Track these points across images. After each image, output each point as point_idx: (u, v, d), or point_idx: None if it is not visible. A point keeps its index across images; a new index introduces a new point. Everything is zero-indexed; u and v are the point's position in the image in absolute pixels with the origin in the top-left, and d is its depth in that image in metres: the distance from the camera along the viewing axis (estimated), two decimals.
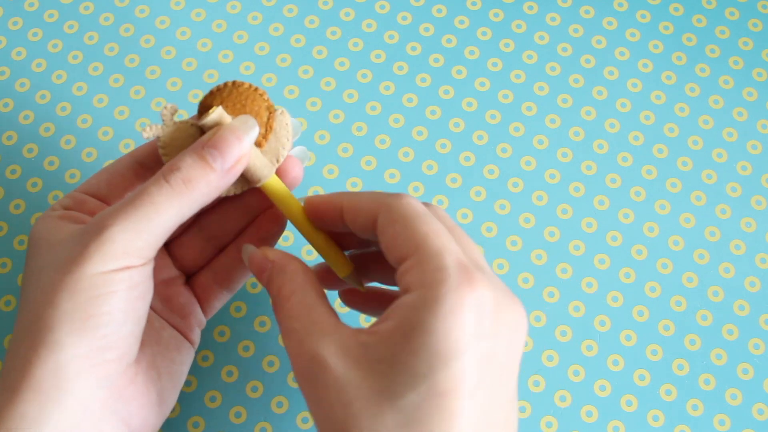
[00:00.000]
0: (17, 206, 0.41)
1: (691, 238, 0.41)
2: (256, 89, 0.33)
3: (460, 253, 0.28)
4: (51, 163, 0.42)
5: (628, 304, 0.40)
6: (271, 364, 0.38)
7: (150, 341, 0.33)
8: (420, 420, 0.26)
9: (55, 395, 0.28)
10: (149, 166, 0.34)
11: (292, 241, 0.40)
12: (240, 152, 0.30)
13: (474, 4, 0.45)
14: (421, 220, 0.29)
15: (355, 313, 0.39)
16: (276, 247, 0.35)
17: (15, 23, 0.45)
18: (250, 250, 0.33)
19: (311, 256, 0.40)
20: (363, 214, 0.30)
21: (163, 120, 0.32)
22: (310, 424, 0.38)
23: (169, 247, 0.36)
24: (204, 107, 0.32)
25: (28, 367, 0.28)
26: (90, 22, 0.45)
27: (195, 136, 0.32)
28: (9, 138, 0.42)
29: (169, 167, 0.30)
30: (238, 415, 0.38)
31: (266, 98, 0.33)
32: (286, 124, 0.33)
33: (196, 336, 0.35)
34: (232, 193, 0.33)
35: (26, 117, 0.43)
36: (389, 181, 0.41)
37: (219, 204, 0.35)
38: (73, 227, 0.31)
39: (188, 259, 0.35)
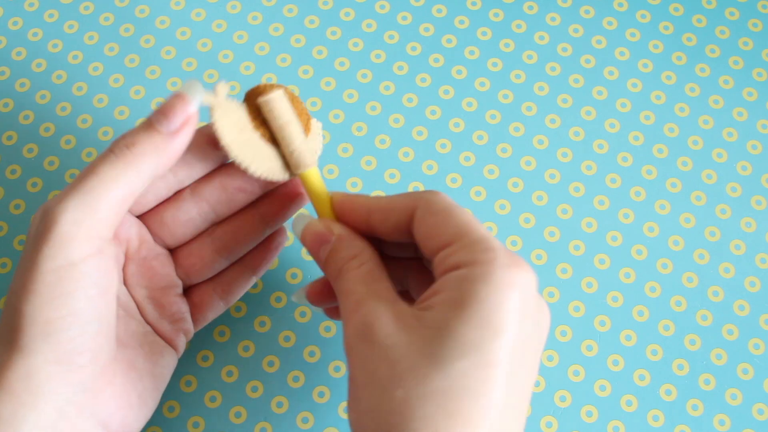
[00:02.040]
0: (17, 206, 0.41)
1: (691, 238, 0.41)
2: (296, 96, 0.34)
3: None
4: (51, 163, 0.42)
5: (628, 304, 0.40)
6: (271, 364, 0.38)
7: (132, 344, 0.32)
8: (465, 387, 0.26)
9: (29, 399, 0.28)
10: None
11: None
12: (185, 114, 0.29)
13: (474, 4, 0.45)
14: (461, 210, 0.29)
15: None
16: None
17: (15, 23, 0.45)
18: (307, 220, 0.32)
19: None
20: (396, 213, 0.30)
21: (216, 92, 0.31)
22: (310, 423, 0.38)
23: (176, 255, 0.35)
24: (255, 93, 0.33)
25: (2, 370, 0.28)
26: (90, 22, 0.45)
27: (243, 118, 0.32)
28: (9, 138, 0.42)
29: (116, 140, 0.29)
30: (238, 415, 0.38)
31: (304, 105, 0.34)
32: (317, 133, 0.34)
33: (182, 343, 0.35)
34: (274, 179, 0.33)
35: (26, 117, 0.43)
36: (389, 181, 0.41)
37: (234, 217, 0.35)
38: None
39: (195, 269, 0.35)
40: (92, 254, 0.28)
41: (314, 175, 0.33)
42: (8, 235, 0.40)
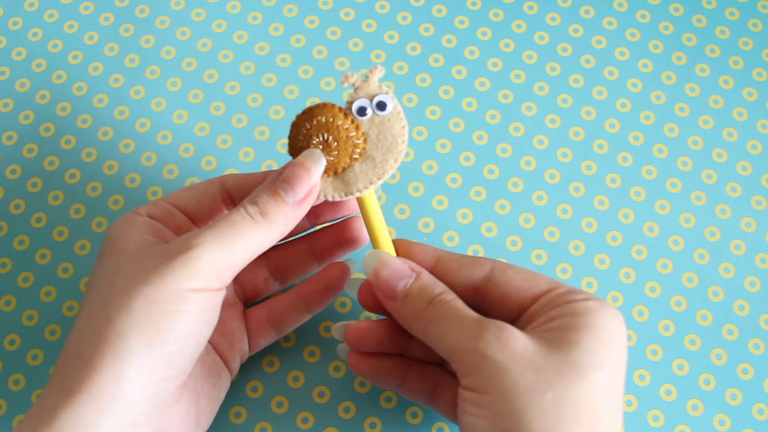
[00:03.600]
0: (17, 206, 0.41)
1: (691, 238, 0.41)
2: (347, 114, 0.34)
3: None
4: (51, 163, 0.42)
5: (628, 304, 0.40)
6: (271, 364, 0.39)
7: (196, 364, 0.33)
8: (604, 394, 0.29)
9: (110, 404, 0.29)
10: (236, 196, 0.36)
11: None
12: (309, 184, 0.32)
13: (474, 4, 0.45)
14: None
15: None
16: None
17: (15, 23, 0.45)
18: (384, 256, 0.34)
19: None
20: (468, 267, 0.33)
21: (367, 76, 0.33)
22: (310, 423, 0.38)
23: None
24: (310, 115, 0.33)
25: (90, 371, 0.29)
26: (90, 22, 0.45)
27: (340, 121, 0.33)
28: (9, 138, 0.42)
29: (248, 201, 0.32)
30: (238, 415, 0.38)
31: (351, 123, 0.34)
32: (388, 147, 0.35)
33: (236, 365, 0.36)
34: (331, 198, 0.33)
35: (26, 117, 0.43)
36: (389, 181, 0.41)
37: (288, 243, 0.37)
38: (154, 241, 0.32)
39: (251, 285, 0.37)
40: (213, 290, 0.31)
41: (372, 199, 0.34)
42: (8, 235, 0.40)
